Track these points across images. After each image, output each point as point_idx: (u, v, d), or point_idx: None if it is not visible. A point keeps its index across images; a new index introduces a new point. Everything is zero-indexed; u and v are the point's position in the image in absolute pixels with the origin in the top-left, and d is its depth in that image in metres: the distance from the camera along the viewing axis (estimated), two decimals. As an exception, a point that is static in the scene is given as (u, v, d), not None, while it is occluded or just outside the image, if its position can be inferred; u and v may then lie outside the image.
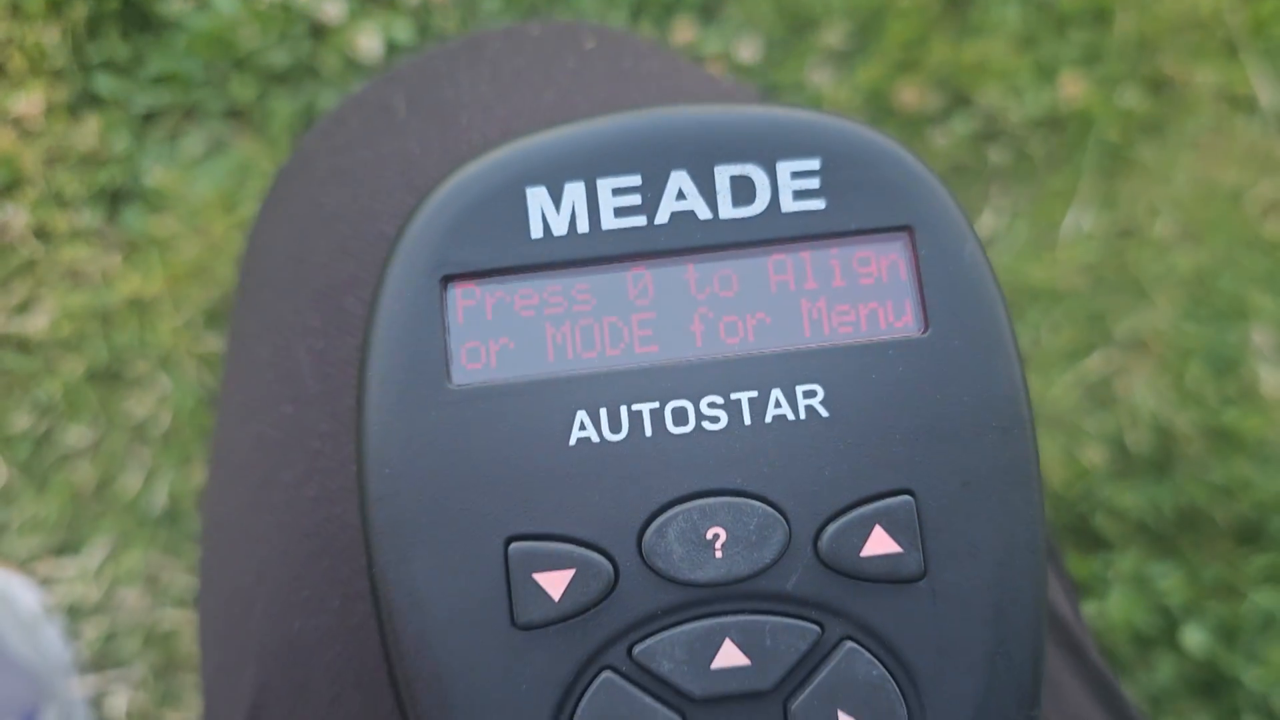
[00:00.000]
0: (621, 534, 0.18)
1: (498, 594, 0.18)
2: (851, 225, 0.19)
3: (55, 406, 0.77)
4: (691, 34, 0.84)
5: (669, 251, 0.19)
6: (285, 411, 0.25)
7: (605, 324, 0.19)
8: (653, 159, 0.19)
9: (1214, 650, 0.76)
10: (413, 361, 0.19)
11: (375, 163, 0.26)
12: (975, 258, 0.19)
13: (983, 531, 0.18)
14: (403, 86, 0.27)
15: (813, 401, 0.19)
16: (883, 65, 0.85)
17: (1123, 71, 0.86)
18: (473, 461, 0.18)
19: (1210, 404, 0.81)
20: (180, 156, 0.81)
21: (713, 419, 0.19)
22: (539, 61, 0.27)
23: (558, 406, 0.19)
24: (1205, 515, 0.80)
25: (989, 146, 0.85)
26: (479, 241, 0.19)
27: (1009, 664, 0.18)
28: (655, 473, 0.18)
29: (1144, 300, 0.83)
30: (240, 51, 0.82)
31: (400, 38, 0.82)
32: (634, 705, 0.18)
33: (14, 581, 0.74)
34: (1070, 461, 0.80)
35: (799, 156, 0.19)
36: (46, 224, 0.80)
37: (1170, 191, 0.85)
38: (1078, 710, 0.25)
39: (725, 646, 0.18)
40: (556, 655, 0.18)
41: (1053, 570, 0.28)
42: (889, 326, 0.19)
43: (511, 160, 0.19)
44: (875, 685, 0.18)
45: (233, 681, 0.27)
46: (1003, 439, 0.19)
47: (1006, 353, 0.19)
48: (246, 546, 0.26)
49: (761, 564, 0.18)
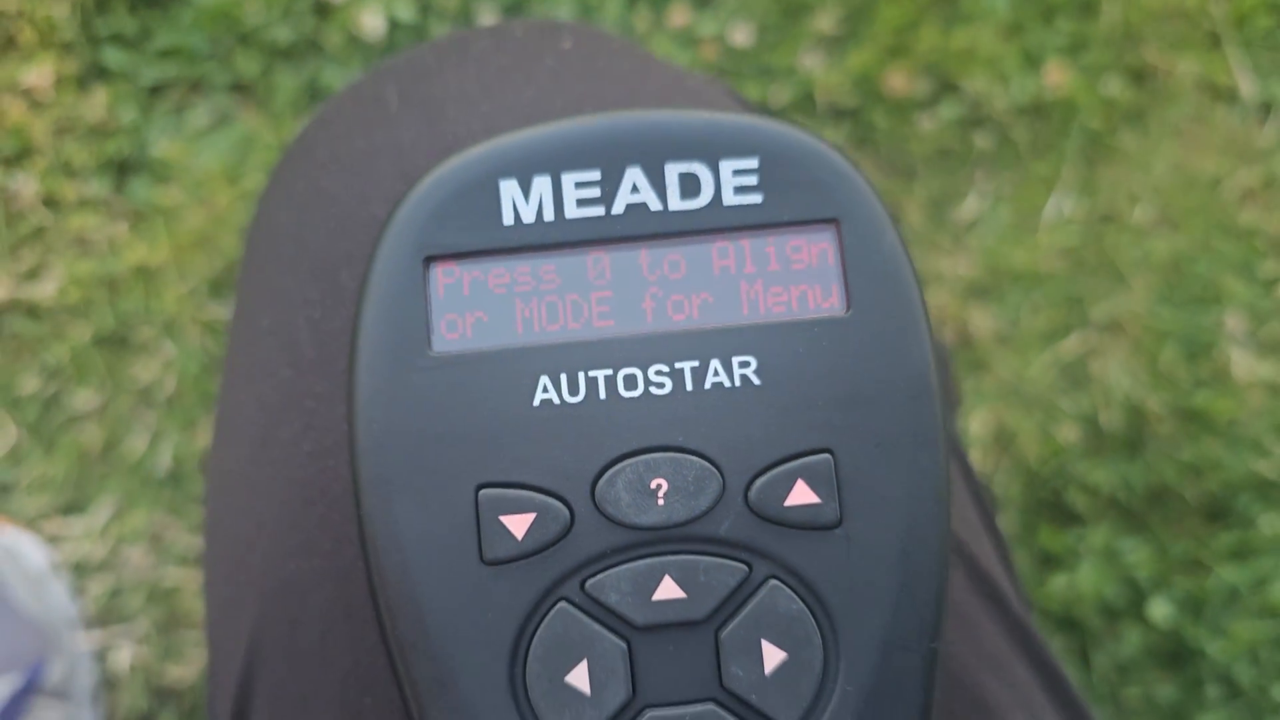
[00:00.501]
0: (577, 483, 0.21)
1: (468, 534, 0.21)
2: (785, 217, 0.22)
3: (63, 370, 0.80)
4: (686, 18, 0.86)
5: (624, 238, 0.22)
6: (284, 375, 0.28)
7: (568, 301, 0.22)
8: (611, 157, 0.22)
9: (1179, 622, 0.79)
10: (398, 331, 0.21)
11: (369, 151, 0.28)
12: (894, 247, 0.22)
13: (892, 486, 0.21)
14: (395, 81, 0.30)
15: (747, 371, 0.21)
16: (873, 51, 0.87)
17: (1107, 61, 0.88)
18: (449, 418, 0.21)
19: (1183, 386, 0.84)
20: (186, 129, 0.84)
21: (659, 385, 0.21)
22: (521, 60, 0.29)
23: (524, 372, 0.21)
24: (1175, 493, 0.82)
25: (975, 132, 0.87)
26: (458, 227, 0.22)
27: (913, 601, 0.21)
28: (607, 430, 0.21)
29: (1121, 284, 0.86)
30: (245, 27, 0.84)
31: (402, 16, 0.84)
32: (585, 631, 0.21)
33: (22, 539, 0.77)
34: (1045, 439, 0.83)
35: (740, 156, 0.22)
36: (55, 193, 0.82)
37: (1150, 179, 0.87)
38: (994, 651, 0.27)
39: (665, 582, 0.21)
40: (519, 587, 0.21)
41: (983, 526, 0.31)
42: (817, 306, 0.22)
43: (487, 156, 0.22)
44: (795, 618, 0.21)
45: (235, 619, 0.29)
46: (912, 406, 0.21)
47: (919, 331, 0.22)
48: (247, 498, 0.29)
49: (698, 511, 0.21)
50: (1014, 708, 0.27)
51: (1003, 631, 0.28)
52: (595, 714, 0.21)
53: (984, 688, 0.27)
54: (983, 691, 0.27)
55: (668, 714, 0.21)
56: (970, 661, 0.27)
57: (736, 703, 0.21)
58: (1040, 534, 0.82)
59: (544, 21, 0.32)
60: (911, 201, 0.86)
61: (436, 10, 0.85)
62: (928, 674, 0.21)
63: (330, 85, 0.83)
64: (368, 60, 0.84)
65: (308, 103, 0.84)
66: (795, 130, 0.22)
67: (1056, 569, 0.82)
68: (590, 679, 0.21)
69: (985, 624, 0.28)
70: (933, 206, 0.86)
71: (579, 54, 0.29)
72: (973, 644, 0.27)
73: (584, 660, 0.21)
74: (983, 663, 0.27)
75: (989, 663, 0.27)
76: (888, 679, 0.21)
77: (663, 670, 0.21)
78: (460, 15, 0.85)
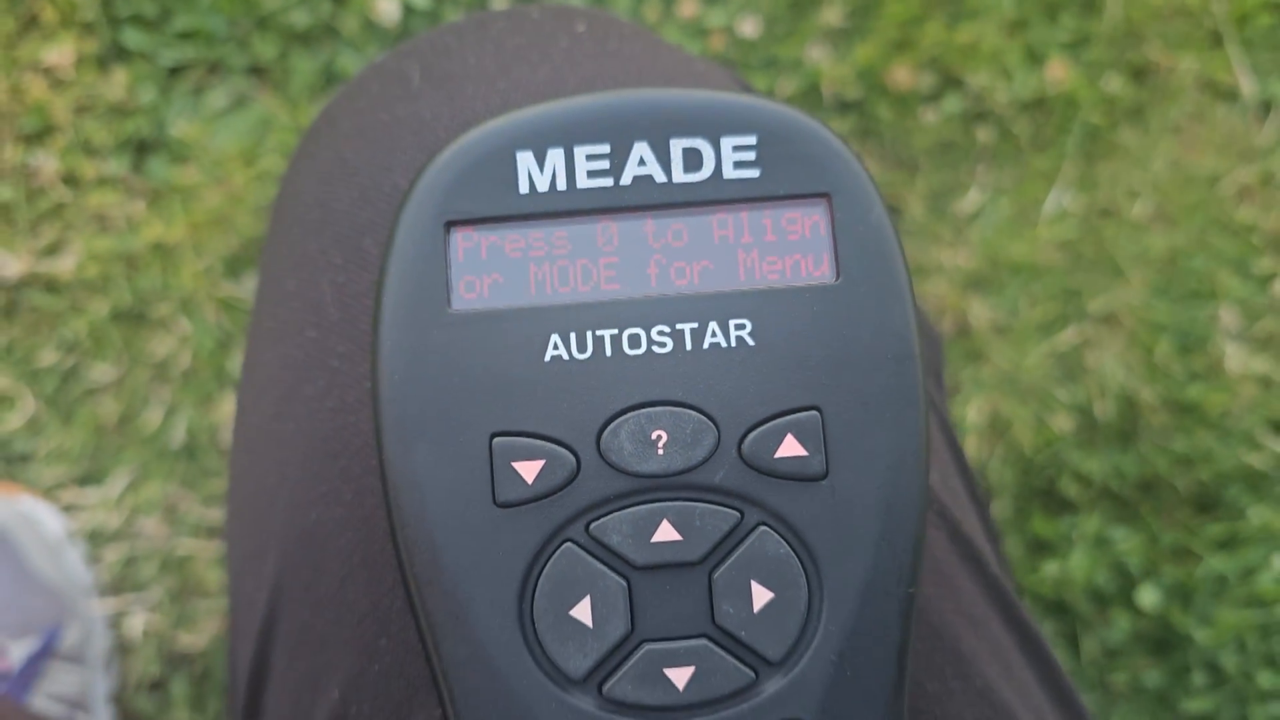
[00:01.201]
0: (584, 433, 0.23)
1: (482, 478, 0.23)
2: (781, 191, 0.24)
3: (81, 344, 0.82)
4: (695, 9, 0.88)
5: (631, 207, 0.23)
6: (309, 336, 0.30)
7: (578, 265, 0.23)
8: (620, 131, 0.23)
9: (1168, 609, 0.81)
10: (420, 290, 0.23)
11: (392, 124, 0.30)
12: (881, 220, 0.23)
13: (875, 441, 0.23)
14: (417, 59, 0.31)
15: (742, 333, 0.23)
16: (879, 44, 0.88)
17: (1109, 58, 0.90)
18: (466, 371, 0.23)
19: (1177, 378, 0.85)
20: (204, 110, 0.85)
21: (661, 344, 0.23)
22: (536, 41, 0.31)
23: (536, 330, 0.23)
24: (1166, 483, 0.84)
25: (977, 126, 0.89)
26: (477, 194, 0.23)
27: (892, 549, 0.23)
28: (612, 385, 0.23)
29: (1119, 278, 0.87)
30: (263, 10, 0.85)
31: (417, 1, 0.86)
32: (589, 569, 0.22)
33: (40, 507, 0.79)
34: (1040, 428, 0.84)
35: (739, 133, 0.24)
36: (75, 170, 0.84)
37: (1149, 175, 0.89)
38: (971, 609, 0.29)
39: (663, 525, 0.23)
40: (528, 528, 0.22)
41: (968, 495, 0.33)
42: (809, 274, 0.23)
43: (505, 129, 0.24)
44: (783, 561, 0.23)
45: (257, 567, 0.31)
46: (896, 368, 0.23)
47: (903, 299, 0.23)
48: (272, 450, 0.30)
49: (695, 461, 0.23)
50: (989, 659, 0.29)
51: (980, 590, 0.30)
52: (597, 645, 0.22)
53: (960, 640, 0.28)
54: (959, 643, 0.28)
55: (663, 647, 0.22)
56: (949, 616, 0.29)
57: (727, 638, 0.23)
58: (1033, 521, 0.83)
59: (559, 6, 0.33)
60: (913, 193, 0.88)
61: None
62: (905, 617, 0.23)
63: (346, 69, 0.85)
64: (383, 45, 0.86)
65: (324, 86, 0.86)
66: (791, 110, 0.24)
67: (1049, 555, 0.83)
68: (593, 613, 0.22)
69: (964, 583, 0.29)
70: (934, 199, 0.88)
71: (592, 36, 0.31)
72: (952, 600, 0.29)
73: (587, 596, 0.22)
74: (961, 618, 0.29)
75: (966, 618, 0.29)
76: (867, 620, 0.23)
77: (659, 607, 0.23)
78: (474, 2, 0.87)
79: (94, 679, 0.77)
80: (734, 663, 0.22)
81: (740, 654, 0.22)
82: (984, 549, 0.31)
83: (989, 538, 0.33)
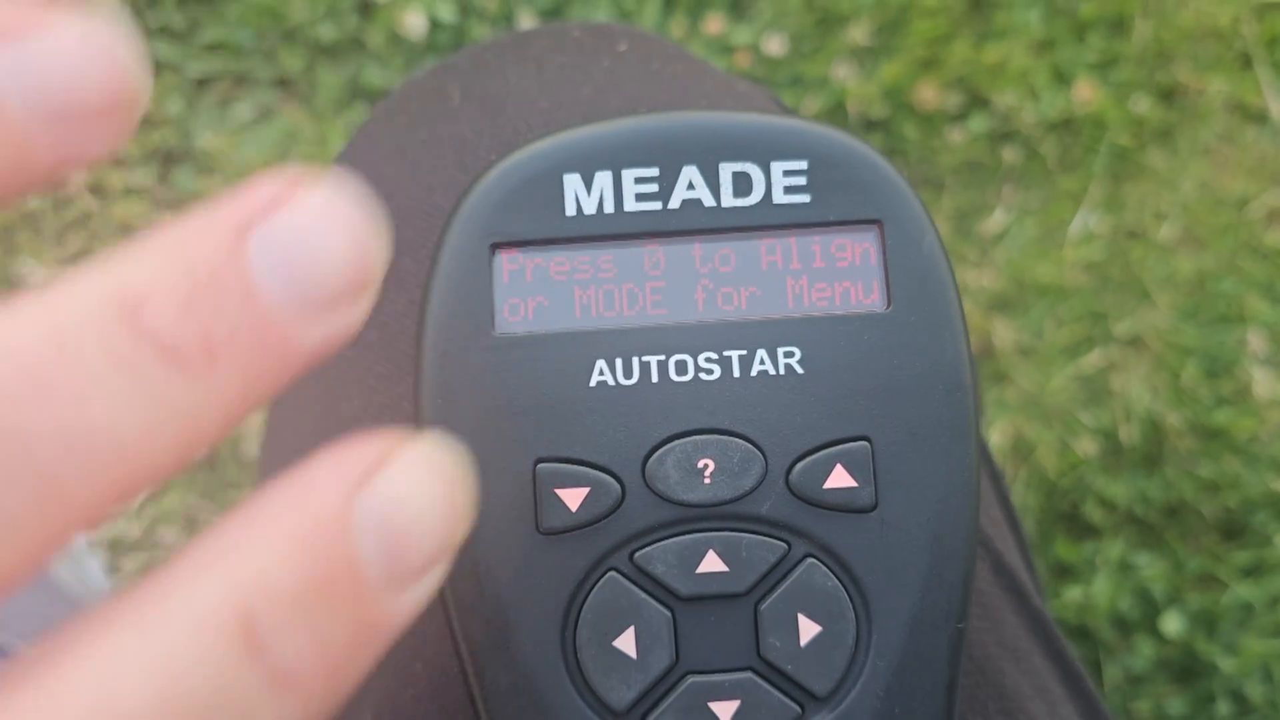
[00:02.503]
0: (629, 460, 0.22)
1: (526, 504, 0.22)
2: (831, 217, 0.23)
3: (104, 353, 0.82)
4: (722, 26, 0.88)
5: (679, 232, 0.23)
6: (347, 355, 0.29)
7: (624, 289, 0.23)
8: (669, 155, 0.23)
9: (1192, 636, 0.80)
10: (464, 312, 0.23)
11: (432, 143, 0.30)
12: (933, 249, 0.23)
13: (925, 473, 0.22)
14: (458, 77, 0.31)
15: (791, 360, 0.23)
16: (905, 63, 0.88)
17: (1137, 79, 0.89)
18: (510, 395, 0.22)
19: (1203, 403, 0.84)
20: (230, 122, 0.86)
21: (708, 371, 0.23)
22: (578, 60, 0.31)
23: (581, 354, 0.23)
24: (1191, 508, 0.83)
25: (1003, 146, 0.88)
26: (523, 216, 0.23)
27: (942, 583, 0.22)
28: (659, 412, 0.22)
29: (1145, 301, 0.87)
30: (290, 23, 0.86)
31: (443, 17, 0.86)
32: (633, 599, 0.22)
33: (60, 516, 0.79)
34: (1065, 451, 0.84)
35: (790, 158, 0.23)
36: (102, 181, 0.84)
37: (1177, 197, 0.88)
38: (1015, 642, 0.28)
39: (709, 556, 0.22)
40: (572, 556, 0.22)
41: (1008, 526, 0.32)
42: (858, 302, 0.23)
43: (553, 150, 0.23)
44: (830, 594, 0.22)
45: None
46: (946, 399, 0.23)
47: (954, 328, 0.23)
48: (307, 470, 0.30)
49: (742, 490, 0.22)
50: (1032, 695, 0.28)
51: (1023, 623, 0.29)
52: (640, 677, 0.22)
53: (1004, 674, 0.28)
54: (1003, 678, 0.28)
55: (708, 680, 0.22)
56: (992, 650, 0.28)
57: (773, 672, 0.22)
58: (1056, 545, 0.82)
59: (600, 25, 0.33)
60: (939, 213, 0.87)
61: (477, 11, 0.87)
62: (953, 652, 0.22)
63: (372, 83, 0.85)
64: (409, 59, 0.86)
65: (349, 99, 0.86)
66: (843, 135, 0.24)
67: (1072, 580, 0.82)
68: (637, 644, 0.22)
69: (1007, 615, 0.29)
70: (960, 218, 0.87)
71: (634, 56, 0.31)
72: (995, 633, 0.28)
73: (631, 627, 0.22)
74: (1004, 651, 0.28)
75: (1010, 652, 0.28)
76: (915, 655, 0.22)
77: (704, 639, 0.22)
78: (500, 17, 0.87)
79: (111, 689, 0.77)
80: (780, 697, 0.22)
81: (786, 688, 0.22)
82: (1025, 581, 0.30)
83: (1026, 564, 0.33)
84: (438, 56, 0.87)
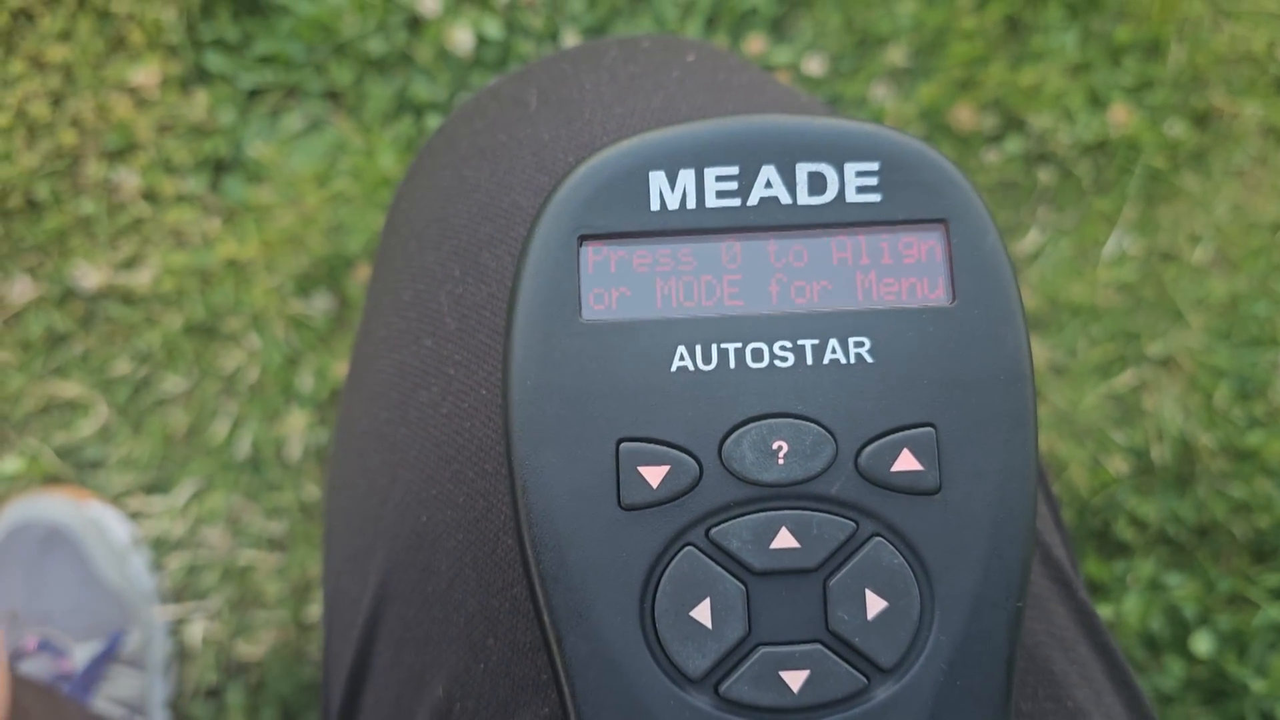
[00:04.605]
0: (707, 441, 0.24)
1: (608, 481, 0.23)
2: (900, 216, 0.24)
3: (154, 355, 0.84)
4: (762, 45, 0.89)
5: (755, 228, 0.25)
6: (425, 345, 0.31)
7: (702, 281, 0.24)
8: (749, 155, 0.25)
9: (1222, 657, 0.80)
10: (552, 300, 0.24)
11: (511, 145, 0.31)
12: (996, 247, 0.24)
13: (987, 459, 0.24)
14: (534, 84, 0.33)
15: (861, 350, 0.24)
16: (943, 84, 0.89)
17: (1172, 102, 0.90)
18: (595, 379, 0.24)
19: (1236, 424, 0.85)
20: (280, 132, 0.88)
21: (782, 359, 0.24)
22: (649, 70, 0.32)
23: (663, 341, 0.24)
24: (1223, 529, 0.83)
25: (1038, 167, 0.89)
26: (609, 211, 0.25)
27: (1002, 563, 0.23)
28: (736, 396, 0.24)
29: (1178, 322, 0.87)
30: (341, 37, 0.88)
31: (490, 33, 0.88)
32: (708, 572, 0.23)
33: (108, 514, 0.81)
34: (1097, 470, 0.84)
35: (863, 159, 0.25)
36: (155, 187, 0.86)
37: (1211, 219, 0.89)
38: (1062, 632, 0.29)
39: (781, 533, 0.23)
40: (651, 531, 0.23)
41: (1053, 521, 0.33)
42: (925, 297, 0.24)
43: (639, 149, 0.25)
44: (896, 571, 0.23)
45: (362, 566, 0.32)
46: (1007, 389, 0.24)
47: (1016, 323, 0.24)
48: (384, 453, 0.32)
49: (813, 472, 0.23)
50: (1079, 682, 0.29)
51: (1070, 614, 0.30)
52: (715, 646, 0.23)
53: (1052, 661, 0.29)
54: (1051, 665, 0.29)
55: (779, 651, 0.23)
56: (1042, 638, 0.29)
57: (840, 644, 0.23)
58: (1088, 563, 0.83)
59: (669, 37, 0.35)
60: (974, 231, 0.88)
61: (522, 28, 0.89)
62: (1013, 630, 0.24)
63: (419, 96, 0.87)
64: (456, 74, 0.88)
65: (396, 112, 0.88)
66: (913, 139, 0.25)
67: (1103, 598, 0.83)
68: (712, 615, 0.23)
69: (1055, 606, 0.30)
70: (995, 237, 0.88)
71: (702, 66, 0.32)
72: (1044, 622, 0.29)
73: (707, 599, 0.23)
74: (1052, 640, 0.29)
75: (1058, 641, 0.29)
76: (977, 631, 0.23)
77: (776, 611, 0.23)
78: (545, 34, 0.89)
79: (153, 684, 0.79)
80: (847, 668, 0.23)
81: (853, 660, 0.23)
82: (1071, 574, 0.31)
83: (1071, 562, 0.34)
84: (484, 71, 0.89)
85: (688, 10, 0.89)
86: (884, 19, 0.90)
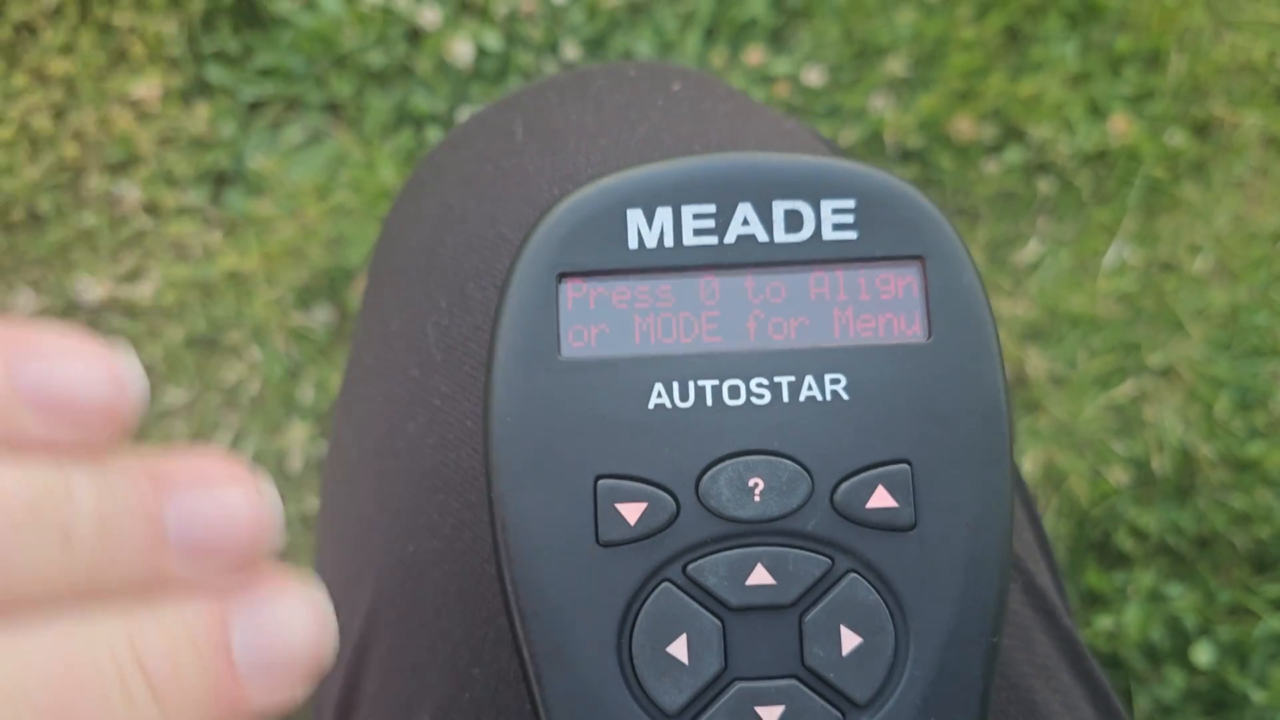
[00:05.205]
0: (684, 478, 0.24)
1: (586, 517, 0.24)
2: (877, 252, 0.25)
3: (156, 368, 0.84)
4: (761, 57, 0.90)
5: (733, 265, 0.25)
6: (412, 375, 0.31)
7: (681, 318, 0.25)
8: (725, 192, 0.25)
9: (1223, 667, 0.80)
10: (532, 337, 0.24)
11: (497, 176, 0.32)
12: (972, 283, 0.24)
13: (963, 495, 0.24)
14: (520, 113, 0.33)
15: (837, 387, 0.24)
16: (942, 95, 0.89)
17: (1172, 112, 0.90)
18: (573, 415, 0.24)
19: (1236, 434, 0.85)
20: (281, 145, 0.88)
21: (759, 395, 0.24)
22: (635, 99, 0.32)
23: (641, 378, 0.24)
24: (1224, 540, 0.83)
25: (1038, 178, 0.89)
26: (587, 248, 0.25)
27: (977, 599, 0.24)
28: (713, 433, 0.24)
29: (1178, 332, 0.87)
30: (341, 50, 0.88)
31: (490, 45, 0.88)
32: (685, 608, 0.23)
33: (110, 525, 0.81)
34: (1096, 480, 0.84)
35: (839, 197, 0.25)
36: (156, 200, 0.87)
37: (1211, 230, 0.89)
38: (1045, 660, 0.30)
39: (757, 569, 0.24)
40: (629, 567, 0.24)
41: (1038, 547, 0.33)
42: (901, 333, 0.24)
43: (616, 187, 0.25)
44: (871, 607, 0.23)
45: (352, 594, 0.33)
46: (983, 425, 0.24)
47: (992, 359, 0.24)
48: (371, 482, 0.32)
49: (789, 508, 0.24)
50: (1061, 712, 0.29)
51: (1053, 643, 0.30)
52: (692, 682, 0.23)
53: (1035, 692, 0.29)
54: (1033, 695, 0.29)
55: (755, 686, 0.23)
56: (1024, 668, 0.29)
57: (816, 679, 0.23)
58: (1088, 574, 0.83)
59: (656, 64, 0.35)
60: (974, 243, 0.88)
61: (522, 40, 0.89)
62: (988, 665, 0.24)
63: (419, 108, 0.87)
64: (456, 86, 0.89)
65: (396, 124, 0.88)
66: (889, 175, 0.25)
67: (1103, 609, 0.83)
68: (688, 651, 0.23)
69: (1038, 635, 0.30)
70: (994, 249, 0.89)
71: (687, 96, 0.33)
72: (1026, 652, 0.29)
73: (684, 634, 0.23)
74: (1034, 669, 0.29)
75: (1040, 670, 0.30)
76: (951, 666, 0.23)
77: (752, 647, 0.24)
78: (545, 46, 0.89)
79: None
80: (822, 703, 0.23)
81: (828, 695, 0.23)
82: (1055, 602, 0.31)
83: (1057, 588, 0.34)
84: (484, 83, 0.89)
85: (687, 22, 0.90)
86: (883, 30, 0.90)
